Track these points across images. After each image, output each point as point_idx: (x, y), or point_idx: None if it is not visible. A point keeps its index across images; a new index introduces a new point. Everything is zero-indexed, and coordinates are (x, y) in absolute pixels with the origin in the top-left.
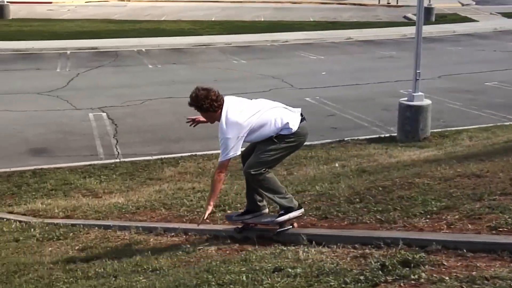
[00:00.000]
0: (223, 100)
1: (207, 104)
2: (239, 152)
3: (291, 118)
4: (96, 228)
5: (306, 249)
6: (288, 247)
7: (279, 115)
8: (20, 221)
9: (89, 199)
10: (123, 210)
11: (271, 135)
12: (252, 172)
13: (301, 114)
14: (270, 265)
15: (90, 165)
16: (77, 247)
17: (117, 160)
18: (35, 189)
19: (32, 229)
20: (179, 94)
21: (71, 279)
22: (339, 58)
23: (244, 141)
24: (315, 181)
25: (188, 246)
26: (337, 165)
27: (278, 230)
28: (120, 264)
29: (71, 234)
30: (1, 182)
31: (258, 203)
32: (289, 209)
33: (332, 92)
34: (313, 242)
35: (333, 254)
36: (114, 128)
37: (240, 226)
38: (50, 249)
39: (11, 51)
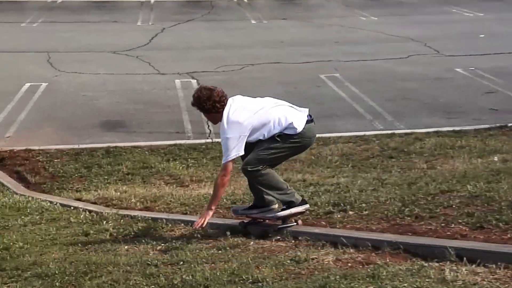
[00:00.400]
0: (227, 100)
1: (209, 105)
2: (241, 153)
3: (296, 118)
4: (182, 224)
5: (454, 267)
6: (430, 263)
7: (283, 113)
8: (90, 211)
9: (173, 188)
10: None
11: (274, 133)
12: (249, 169)
13: (310, 115)
14: (405, 285)
15: (175, 145)
16: (159, 247)
17: (209, 141)
18: (107, 172)
19: (104, 222)
20: (289, 59)
21: (153, 286)
22: (504, 16)
23: (252, 139)
24: (465, 178)
25: (299, 253)
26: (496, 158)
27: (280, 226)
28: (212, 272)
29: (151, 230)
30: (67, 161)
31: (265, 196)
32: (290, 204)
33: (492, 62)
34: (464, 258)
35: (491, 277)
36: None
37: (245, 221)
38: (126, 247)
39: None
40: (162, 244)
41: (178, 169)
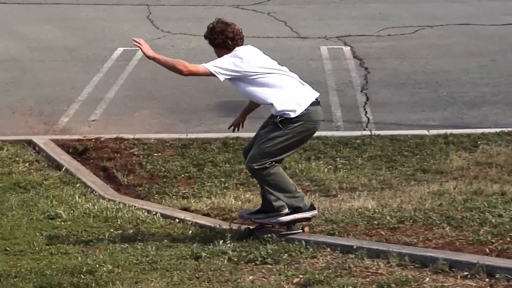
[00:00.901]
0: (242, 40)
1: (220, 39)
2: (221, 77)
3: (301, 95)
4: (328, 249)
5: None
6: None
7: (289, 84)
8: (201, 226)
9: (315, 197)
10: (375, 222)
11: (267, 100)
12: (255, 167)
13: (317, 99)
14: None
15: (318, 138)
16: (296, 279)
17: (367, 133)
18: (225, 173)
19: (220, 241)
20: (485, 19)
21: None
22: None
23: (240, 89)
24: None
25: None
26: None
27: (283, 232)
28: None
29: (284, 255)
30: (171, 156)
31: (274, 203)
32: (297, 209)
33: None
34: None
35: None
36: (364, 75)
37: (253, 227)
38: (250, 277)
39: None
40: (301, 276)
41: (322, 171)
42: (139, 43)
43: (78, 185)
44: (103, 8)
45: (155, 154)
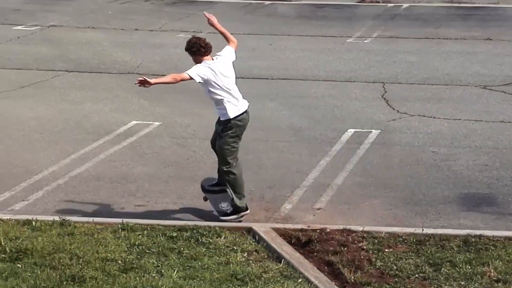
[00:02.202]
0: (210, 49)
1: (196, 48)
2: (197, 79)
3: (237, 105)
4: None
5: None
6: None
7: (234, 95)
8: None
9: None
10: None
11: (215, 98)
12: (225, 169)
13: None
14: None
15: None
16: None
17: None
18: (465, 275)
19: None
20: None
21: None
22: None
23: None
24: None
25: None
26: None
27: (223, 218)
28: None
29: None
30: (405, 253)
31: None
32: (237, 210)
33: None
34: None
35: None
36: None
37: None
38: None
39: None
40: None
41: None
42: (141, 81)
43: (300, 280)
44: (334, 85)
45: (386, 250)
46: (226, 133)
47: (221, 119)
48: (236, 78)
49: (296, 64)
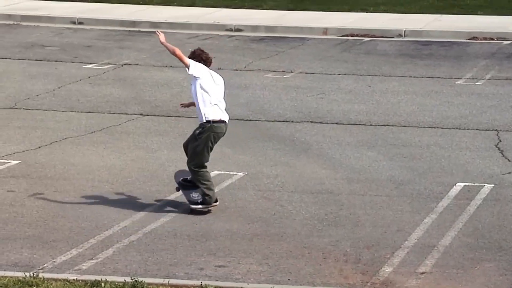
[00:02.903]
0: (209, 64)
1: (197, 59)
2: (193, 70)
3: (216, 113)
4: None
5: None
6: None
7: (215, 107)
8: None
9: None
10: None
11: (198, 106)
12: (193, 168)
13: (225, 120)
14: None
15: None
16: None
17: None
18: None
19: None
20: None
21: None
22: None
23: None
24: None
25: None
26: None
27: (193, 207)
28: None
29: None
30: None
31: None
32: (206, 200)
33: None
34: None
35: None
36: None
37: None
38: None
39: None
40: None
41: None
42: (160, 35)
43: None
44: (441, 133)
45: None
46: (202, 136)
47: (200, 121)
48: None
49: (398, 109)
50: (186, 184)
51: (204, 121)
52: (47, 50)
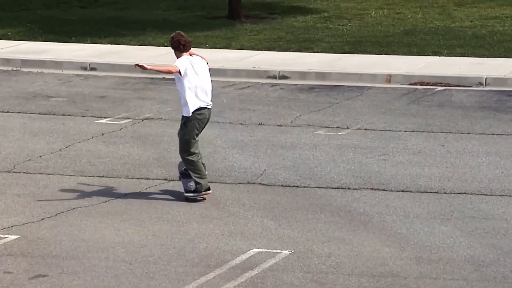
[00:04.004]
0: (189, 47)
1: (176, 44)
2: (181, 69)
3: (197, 101)
4: None
5: None
6: None
7: (196, 91)
8: None
9: None
10: None
11: (181, 92)
12: (186, 157)
13: (210, 105)
14: None
15: None
16: None
17: None
18: None
19: None
20: None
21: None
22: None
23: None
24: None
25: None
26: None
27: (186, 194)
28: None
29: None
30: None
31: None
32: (200, 189)
33: None
34: None
35: None
36: None
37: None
38: None
39: None
40: None
41: None
42: (140, 66)
43: None
44: None
45: None
46: (188, 125)
47: (183, 113)
48: None
49: (478, 173)
50: (186, 173)
51: (189, 115)
52: (53, 101)
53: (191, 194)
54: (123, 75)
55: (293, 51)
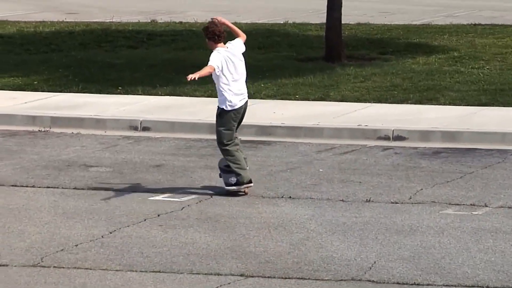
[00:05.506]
0: (223, 37)
1: (211, 34)
2: (217, 66)
3: (236, 99)
4: None
5: None
6: None
7: (234, 90)
8: None
9: None
10: None
11: (219, 89)
12: (222, 148)
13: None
14: None
15: None
16: None
17: None
18: None
19: None
20: None
21: None
22: None
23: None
24: None
25: None
26: None
27: (227, 188)
28: None
29: None
30: None
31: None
32: (241, 181)
33: None
34: None
35: None
36: None
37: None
38: None
39: None
40: None
41: None
42: (193, 77)
43: None
44: None
45: None
46: (224, 116)
47: (218, 104)
48: None
49: None
50: (227, 169)
51: (225, 108)
52: (93, 172)
53: (232, 187)
54: (185, 136)
55: (411, 103)
